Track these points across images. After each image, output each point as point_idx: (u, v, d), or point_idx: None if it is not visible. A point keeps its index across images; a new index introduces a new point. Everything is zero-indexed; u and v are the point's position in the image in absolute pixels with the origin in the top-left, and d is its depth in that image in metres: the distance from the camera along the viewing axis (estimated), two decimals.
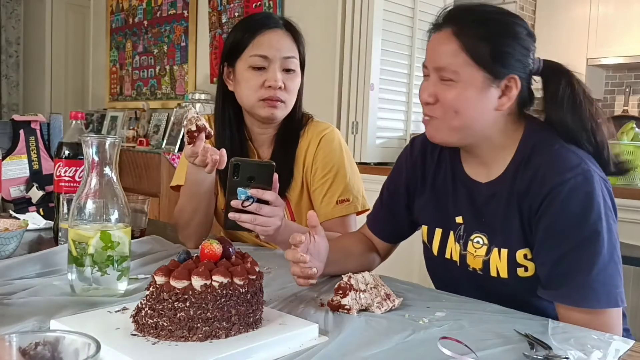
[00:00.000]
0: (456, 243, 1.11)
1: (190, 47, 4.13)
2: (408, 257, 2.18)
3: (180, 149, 3.66)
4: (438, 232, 1.15)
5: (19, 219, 1.35)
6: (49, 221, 1.49)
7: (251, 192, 1.08)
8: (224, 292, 0.74)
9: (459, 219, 1.11)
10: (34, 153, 1.79)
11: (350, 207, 1.41)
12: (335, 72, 3.11)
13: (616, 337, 0.83)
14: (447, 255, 1.14)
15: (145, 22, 4.54)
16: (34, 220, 1.49)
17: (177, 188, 1.47)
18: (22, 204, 1.71)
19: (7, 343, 0.50)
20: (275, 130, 1.45)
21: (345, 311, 0.90)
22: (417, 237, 1.27)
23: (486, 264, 1.06)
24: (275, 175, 1.12)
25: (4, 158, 1.69)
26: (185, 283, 0.73)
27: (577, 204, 0.94)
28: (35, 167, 1.78)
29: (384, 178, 1.39)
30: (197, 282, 0.73)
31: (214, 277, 0.74)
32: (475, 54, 0.98)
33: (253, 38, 1.36)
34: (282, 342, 0.75)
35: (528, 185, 1.00)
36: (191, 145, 1.14)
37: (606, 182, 0.99)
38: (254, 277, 0.78)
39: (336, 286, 0.93)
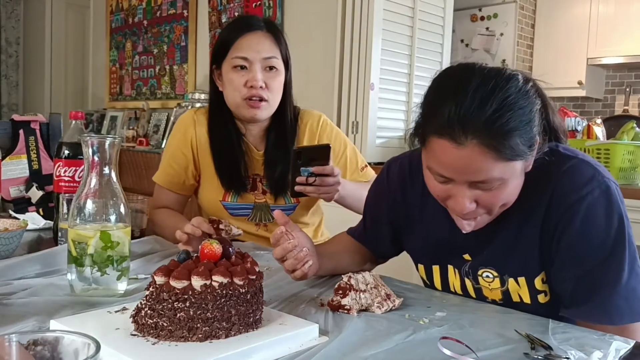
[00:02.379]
0: (465, 278, 1.07)
1: (190, 46, 4.13)
2: (408, 257, 2.18)
3: None
4: (436, 269, 1.12)
5: (18, 219, 1.35)
6: (48, 221, 1.49)
7: (313, 169, 1.29)
8: (224, 292, 0.74)
9: (466, 256, 1.07)
10: (34, 153, 1.78)
11: (371, 171, 1.61)
12: (335, 72, 3.10)
13: (617, 337, 0.83)
14: (452, 289, 1.10)
15: (145, 22, 4.54)
16: (34, 220, 1.49)
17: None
18: (22, 204, 1.71)
19: (7, 343, 0.50)
20: (266, 125, 1.52)
21: (346, 311, 0.90)
22: None
23: (506, 294, 1.03)
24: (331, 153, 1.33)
25: (3, 158, 1.69)
26: (185, 283, 0.73)
27: (597, 221, 0.92)
28: (35, 167, 1.78)
29: None
30: (197, 282, 0.73)
31: (214, 277, 0.74)
32: (514, 153, 0.87)
33: (235, 41, 1.44)
34: (282, 342, 0.75)
35: (547, 205, 0.96)
36: (206, 234, 1.20)
37: (617, 186, 0.96)
38: (254, 277, 0.78)
39: (336, 286, 0.93)
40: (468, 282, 1.07)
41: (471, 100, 0.86)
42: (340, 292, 0.91)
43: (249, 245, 1.39)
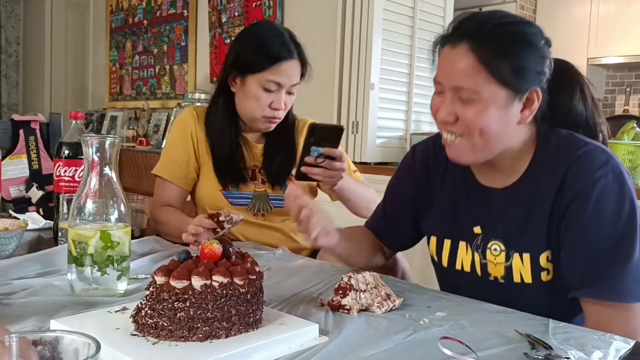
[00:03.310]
0: (475, 252, 1.09)
1: (190, 46, 4.13)
2: (408, 257, 2.17)
3: None
4: (447, 243, 1.13)
5: (18, 218, 1.35)
6: (48, 221, 1.49)
7: (324, 150, 1.29)
8: (224, 292, 0.74)
9: (477, 229, 1.09)
10: (34, 153, 1.78)
11: (360, 176, 1.65)
12: (335, 72, 3.10)
13: (617, 337, 0.83)
14: (458, 267, 1.12)
15: (145, 22, 4.54)
16: (34, 220, 1.49)
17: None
18: (22, 204, 1.71)
19: (7, 343, 0.50)
20: None
21: (346, 311, 0.90)
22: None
23: (508, 270, 1.05)
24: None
25: (3, 158, 1.69)
26: (185, 283, 0.73)
27: (609, 204, 0.95)
28: (35, 167, 1.78)
29: (384, 178, 1.42)
30: (197, 282, 0.73)
31: (214, 277, 0.74)
32: (496, 72, 0.94)
33: (272, 65, 1.46)
34: (282, 342, 0.75)
35: (559, 186, 0.99)
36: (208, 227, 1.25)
37: (629, 174, 1.00)
38: (254, 277, 0.78)
39: (336, 286, 0.93)
40: (477, 257, 1.09)
41: (481, 16, 0.99)
42: (340, 292, 0.91)
43: (249, 245, 1.39)
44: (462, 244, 1.11)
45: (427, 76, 3.28)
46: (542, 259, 1.02)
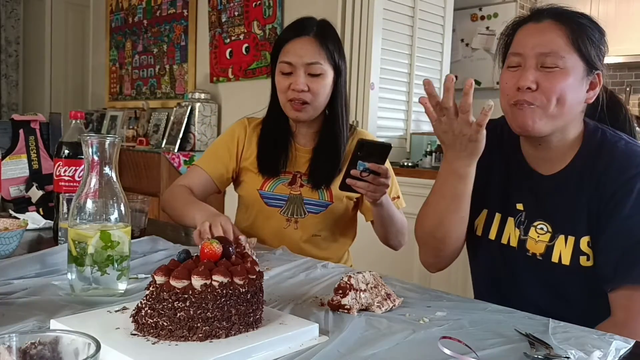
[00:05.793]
0: (516, 228, 1.15)
1: (190, 46, 4.13)
2: (408, 257, 2.18)
3: (180, 148, 3.66)
4: (497, 216, 1.19)
5: (18, 218, 1.35)
6: (48, 221, 1.49)
7: (369, 165, 1.32)
8: (224, 291, 0.74)
9: (519, 206, 1.16)
10: (34, 153, 1.78)
11: (401, 203, 1.61)
12: None
13: (617, 337, 0.83)
14: (504, 241, 1.17)
15: (145, 22, 4.53)
16: (34, 220, 1.49)
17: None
18: (22, 204, 1.71)
19: (7, 343, 0.50)
20: (317, 127, 1.59)
21: (346, 311, 0.90)
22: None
23: (549, 249, 1.11)
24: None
25: (3, 158, 1.69)
26: (185, 283, 0.73)
27: None
28: (35, 166, 1.78)
29: None
30: (197, 281, 0.73)
31: (214, 277, 0.74)
32: (578, 43, 1.05)
33: (284, 45, 1.53)
34: (282, 342, 0.75)
35: (599, 177, 1.06)
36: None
37: None
38: (254, 276, 0.78)
39: (336, 286, 0.93)
40: (517, 232, 1.15)
41: (557, 7, 1.10)
42: (340, 291, 0.91)
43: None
44: (510, 220, 1.17)
45: (427, 76, 3.29)
46: (583, 242, 1.08)
